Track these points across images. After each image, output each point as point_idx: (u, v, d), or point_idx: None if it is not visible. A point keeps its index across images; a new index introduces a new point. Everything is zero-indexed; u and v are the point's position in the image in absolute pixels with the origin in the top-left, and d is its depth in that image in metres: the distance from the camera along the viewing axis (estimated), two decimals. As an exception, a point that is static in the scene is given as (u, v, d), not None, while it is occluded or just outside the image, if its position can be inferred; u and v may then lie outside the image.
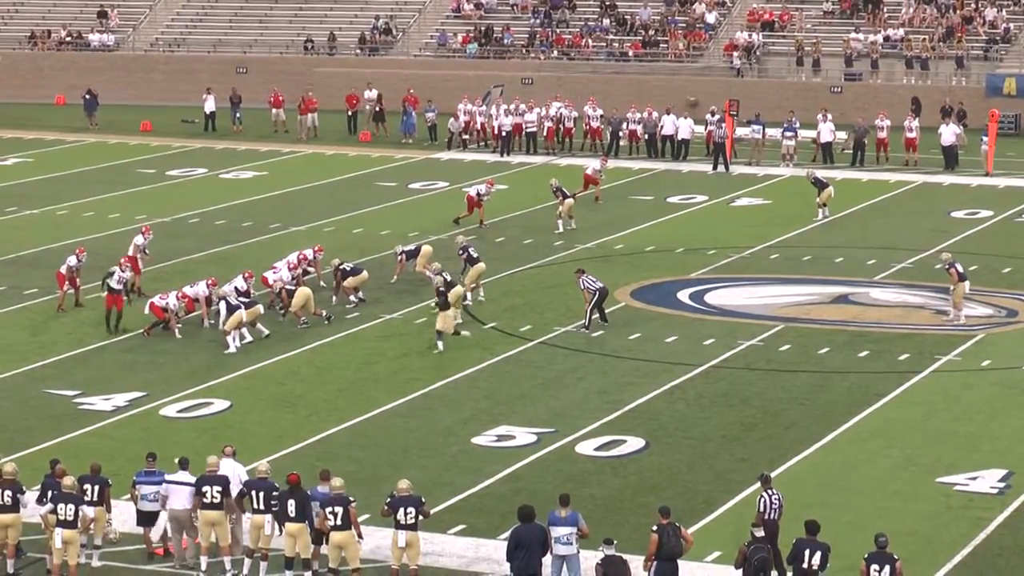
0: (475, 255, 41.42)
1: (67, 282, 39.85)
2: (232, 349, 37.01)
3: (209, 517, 25.26)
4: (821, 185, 50.93)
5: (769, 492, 24.56)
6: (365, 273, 41.26)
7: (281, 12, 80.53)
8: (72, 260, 40.26)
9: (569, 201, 48.94)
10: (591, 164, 55.10)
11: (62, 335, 38.33)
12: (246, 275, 39.43)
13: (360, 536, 24.52)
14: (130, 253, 41.77)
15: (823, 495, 27.54)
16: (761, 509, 24.30)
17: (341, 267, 41.13)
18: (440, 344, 36.92)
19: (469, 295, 40.75)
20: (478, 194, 49.73)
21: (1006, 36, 70.91)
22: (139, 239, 42.24)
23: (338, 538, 24.40)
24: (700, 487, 28.70)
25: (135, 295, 40.92)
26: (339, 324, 38.91)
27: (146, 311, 38.35)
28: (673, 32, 74.61)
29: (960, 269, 39.01)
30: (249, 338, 37.37)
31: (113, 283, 38.47)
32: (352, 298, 40.77)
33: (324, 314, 38.90)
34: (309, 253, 41.71)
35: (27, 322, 39.78)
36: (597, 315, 38.61)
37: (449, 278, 38.55)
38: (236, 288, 38.59)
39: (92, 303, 39.68)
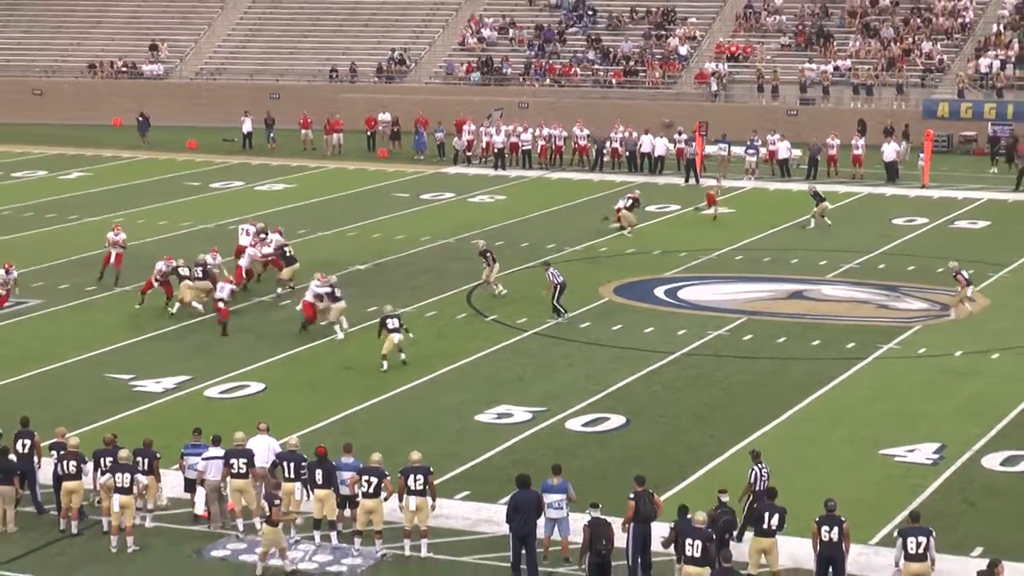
0: (493, 257, 41.46)
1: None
2: (340, 336, 36.95)
3: (236, 485, 25.43)
4: (819, 199, 50.87)
5: (759, 466, 24.67)
6: (298, 264, 41.56)
7: (309, 45, 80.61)
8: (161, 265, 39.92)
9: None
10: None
11: (119, 326, 38.38)
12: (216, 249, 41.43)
13: (387, 498, 24.60)
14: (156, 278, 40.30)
15: (781, 466, 27.56)
16: (752, 480, 24.41)
17: (285, 247, 41.71)
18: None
19: (500, 287, 40.88)
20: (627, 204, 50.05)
21: (940, 66, 71.02)
22: (161, 265, 39.98)
23: (369, 504, 24.55)
24: (674, 459, 28.80)
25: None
26: (359, 317, 38.87)
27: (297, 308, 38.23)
28: (650, 63, 74.69)
29: (966, 276, 38.91)
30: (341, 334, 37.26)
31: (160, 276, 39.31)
32: (281, 290, 41.12)
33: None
34: (210, 258, 40.84)
35: (88, 315, 39.88)
36: (556, 306, 38.72)
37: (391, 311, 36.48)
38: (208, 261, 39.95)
39: (150, 300, 39.72)
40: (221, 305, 37.92)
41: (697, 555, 21.73)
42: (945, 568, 22.92)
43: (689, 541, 21.97)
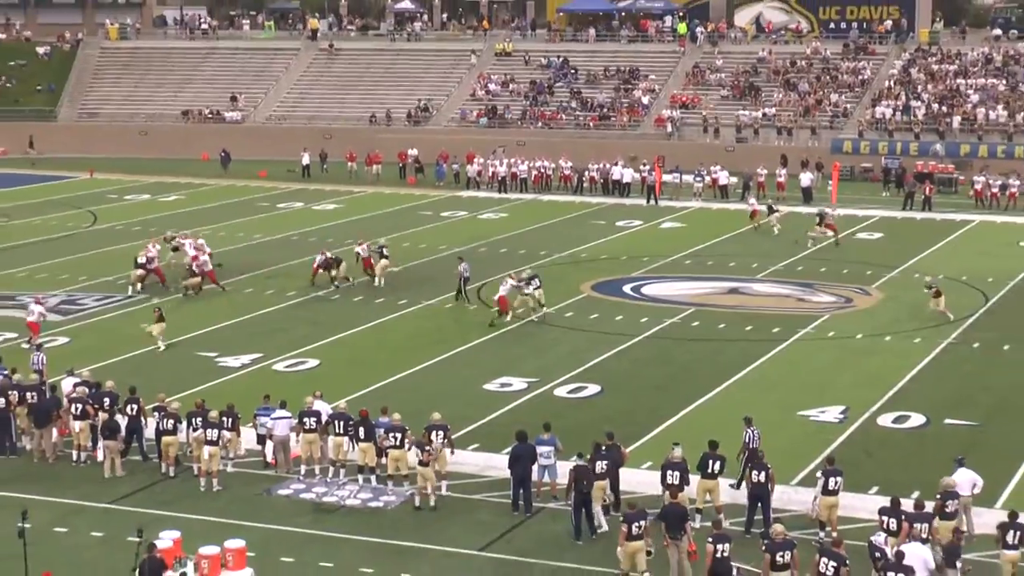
0: (387, 253, 42.07)
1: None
2: (536, 317, 36.98)
3: (307, 438, 25.48)
4: (772, 211, 51.34)
5: (752, 429, 24.49)
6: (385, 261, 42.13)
7: (354, 97, 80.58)
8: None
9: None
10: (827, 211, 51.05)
11: (205, 315, 38.39)
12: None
13: (410, 448, 24.63)
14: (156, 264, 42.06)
15: (721, 424, 27.59)
16: (746, 440, 24.22)
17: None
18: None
19: (380, 281, 41.41)
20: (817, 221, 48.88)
21: (845, 113, 71.00)
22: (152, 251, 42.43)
23: (395, 454, 24.63)
24: (638, 419, 28.80)
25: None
26: (392, 308, 38.91)
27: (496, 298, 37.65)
28: (619, 110, 74.66)
29: (940, 288, 37.79)
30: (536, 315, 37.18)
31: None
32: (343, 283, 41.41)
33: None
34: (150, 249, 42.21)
35: (181, 307, 39.87)
36: (459, 293, 38.95)
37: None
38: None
39: (230, 295, 39.68)
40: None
41: (675, 483, 22.28)
42: (848, 503, 22.97)
43: (670, 472, 22.47)
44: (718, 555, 19.62)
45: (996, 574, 20.29)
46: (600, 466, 22.79)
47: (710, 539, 19.89)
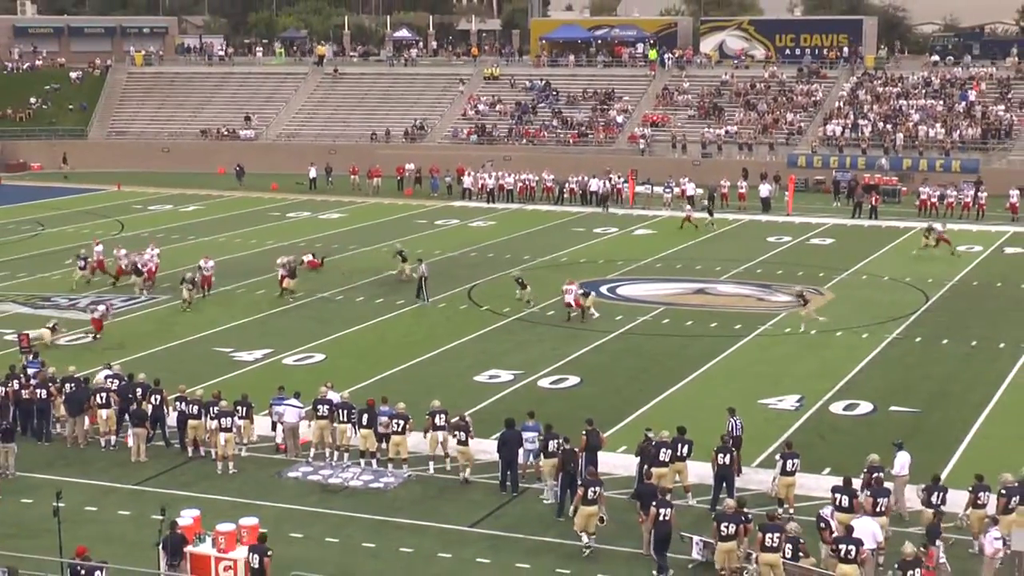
0: (405, 256, 42.38)
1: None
2: (595, 315, 36.90)
3: (319, 424, 25.40)
4: (711, 214, 53.72)
5: (734, 419, 24.41)
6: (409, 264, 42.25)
7: (356, 116, 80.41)
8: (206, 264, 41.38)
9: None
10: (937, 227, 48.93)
11: (222, 315, 38.23)
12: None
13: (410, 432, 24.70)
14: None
15: (689, 412, 27.66)
16: (729, 429, 24.07)
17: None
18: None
19: (403, 276, 41.71)
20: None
21: (799, 131, 71.09)
22: (137, 257, 42.38)
23: (396, 439, 24.61)
24: (614, 407, 28.76)
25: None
26: (391, 308, 38.82)
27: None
28: (596, 128, 74.63)
29: (808, 296, 37.88)
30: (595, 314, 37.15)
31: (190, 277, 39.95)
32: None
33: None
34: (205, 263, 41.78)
35: (201, 307, 39.67)
36: (419, 291, 39.29)
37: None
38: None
39: (244, 296, 39.52)
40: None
41: (666, 460, 22.43)
42: (803, 482, 22.97)
43: (664, 450, 22.55)
44: (660, 518, 19.95)
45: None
46: (552, 446, 22.97)
47: (654, 504, 20.05)
